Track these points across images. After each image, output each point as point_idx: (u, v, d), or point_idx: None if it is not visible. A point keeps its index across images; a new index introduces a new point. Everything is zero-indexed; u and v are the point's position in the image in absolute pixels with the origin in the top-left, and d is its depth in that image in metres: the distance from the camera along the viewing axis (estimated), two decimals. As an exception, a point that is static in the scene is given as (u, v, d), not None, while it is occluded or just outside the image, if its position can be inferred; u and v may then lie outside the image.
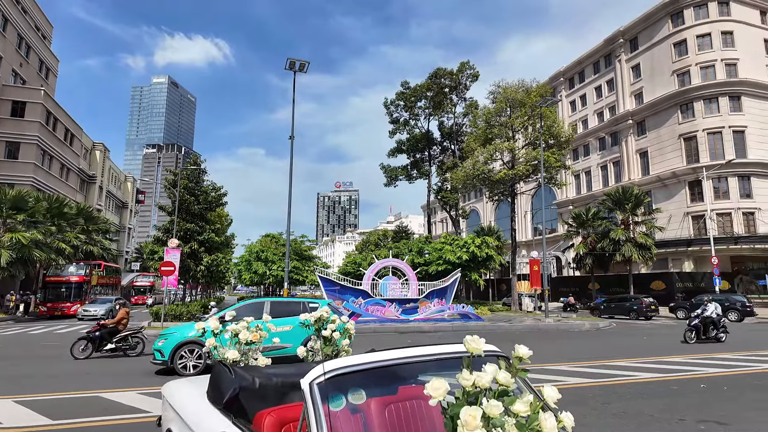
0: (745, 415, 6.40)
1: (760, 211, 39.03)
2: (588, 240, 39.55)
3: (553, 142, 34.98)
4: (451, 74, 41.56)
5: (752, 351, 13.59)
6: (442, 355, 2.40)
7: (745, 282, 39.03)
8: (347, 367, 2.09)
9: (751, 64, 42.22)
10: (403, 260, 29.29)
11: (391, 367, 2.22)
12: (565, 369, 10.39)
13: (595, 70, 54.90)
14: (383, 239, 62.35)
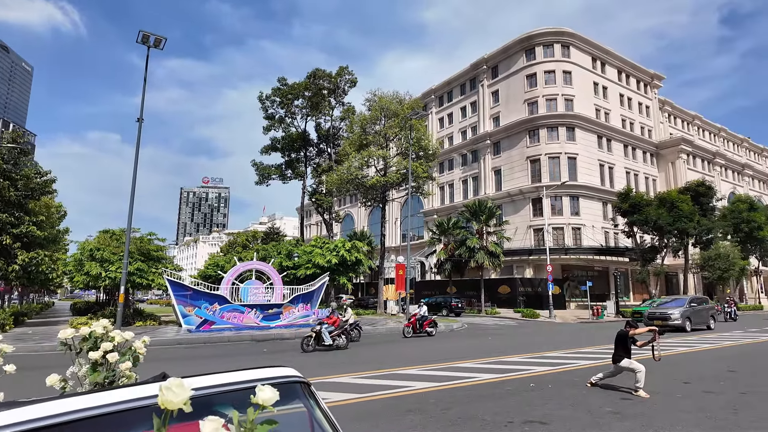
0: (561, 413, 6.95)
1: (584, 227, 46.04)
2: (448, 247, 42.43)
3: (422, 154, 36.75)
4: (329, 77, 41.27)
5: (575, 349, 15.50)
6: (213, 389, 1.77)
7: (572, 287, 45.54)
8: None
9: (583, 101, 49.86)
10: (269, 263, 27.89)
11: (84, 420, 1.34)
12: (414, 373, 10.50)
13: (461, 91, 59.64)
14: (252, 241, 59.23)
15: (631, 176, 52.90)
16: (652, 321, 21.12)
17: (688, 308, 22.59)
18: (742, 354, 14.39)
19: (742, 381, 9.68)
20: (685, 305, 22.72)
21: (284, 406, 2.65)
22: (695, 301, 23.98)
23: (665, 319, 21.32)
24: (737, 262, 42.86)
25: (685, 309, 22.35)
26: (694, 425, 6.34)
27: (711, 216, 42.51)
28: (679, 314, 21.55)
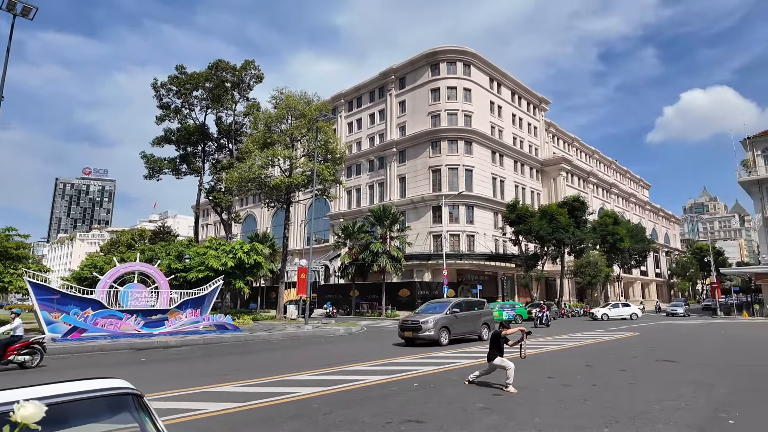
0: (438, 411, 7.31)
1: (478, 235, 49.29)
2: (353, 251, 42.74)
3: (329, 157, 36.59)
4: (234, 70, 39.43)
5: (461, 349, 16.43)
6: None
7: (465, 290, 48.38)
8: None
9: (481, 118, 53.54)
10: (156, 265, 25.69)
11: None
12: (302, 378, 10.34)
13: (371, 98, 60.70)
14: (139, 240, 54.20)
15: (519, 189, 57.90)
16: (403, 331, 17.46)
17: (448, 316, 17.72)
18: (601, 350, 16.38)
19: (595, 374, 11.00)
20: (445, 312, 17.76)
21: (110, 419, 2.42)
22: (461, 306, 18.72)
23: (416, 329, 16.98)
24: (603, 269, 48.98)
25: (443, 317, 17.47)
26: (550, 415, 7.05)
27: (583, 228, 48.11)
28: (432, 324, 16.85)
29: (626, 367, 11.99)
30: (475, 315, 19.05)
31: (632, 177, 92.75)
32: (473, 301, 20.60)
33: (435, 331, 16.83)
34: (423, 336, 16.81)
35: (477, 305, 19.90)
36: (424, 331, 16.82)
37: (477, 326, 18.85)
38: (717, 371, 11.41)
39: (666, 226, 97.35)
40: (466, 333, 18.43)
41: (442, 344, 16.90)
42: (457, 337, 18.02)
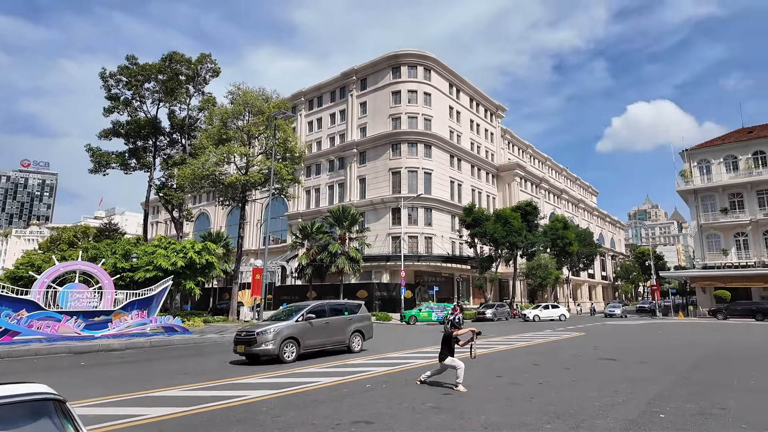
0: (389, 412, 7.34)
1: (435, 237, 50.02)
2: (310, 251, 42.29)
3: (288, 155, 36.05)
4: (189, 62, 38.10)
5: (416, 349, 16.60)
6: None
7: (422, 291, 48.96)
8: None
9: (440, 122, 54.40)
10: (100, 264, 24.36)
11: None
12: (252, 382, 10.11)
13: (332, 98, 60.34)
14: (82, 237, 51.21)
15: (475, 193, 59.29)
16: (236, 345, 13.36)
17: (299, 324, 13.78)
18: (549, 349, 17.01)
19: (541, 373, 11.41)
20: (295, 319, 13.86)
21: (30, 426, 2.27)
22: (322, 312, 14.82)
23: (250, 342, 12.96)
24: (553, 271, 50.90)
25: (289, 326, 13.52)
26: (497, 413, 7.24)
27: (535, 232, 49.84)
28: (272, 334, 12.96)
29: (571, 366, 12.52)
30: (342, 322, 15.30)
31: (582, 184, 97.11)
32: (342, 304, 16.58)
33: (276, 345, 12.90)
34: (258, 351, 12.84)
35: (348, 309, 16.09)
36: (260, 345, 12.78)
37: (344, 335, 15.24)
38: (653, 368, 12.12)
39: (612, 231, 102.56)
40: (327, 344, 14.68)
41: (286, 361, 12.96)
42: (314, 350, 14.25)
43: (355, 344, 15.56)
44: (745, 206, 44.59)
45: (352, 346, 15.42)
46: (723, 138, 49.78)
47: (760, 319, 36.63)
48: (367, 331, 16.18)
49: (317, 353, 14.54)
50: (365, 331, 16.10)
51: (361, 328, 15.97)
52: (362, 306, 16.98)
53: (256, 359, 13.29)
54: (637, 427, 6.51)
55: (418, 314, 33.45)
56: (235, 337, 13.70)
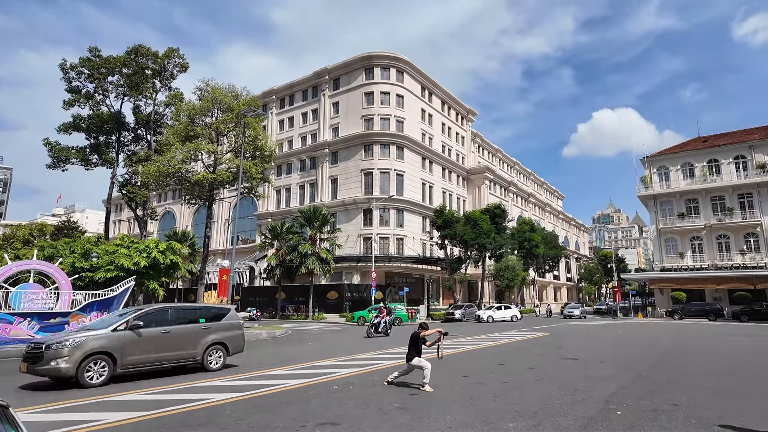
0: (355, 413, 7.34)
1: (407, 238, 50.30)
2: (280, 252, 41.77)
3: (258, 154, 35.50)
4: (155, 56, 36.98)
5: (385, 350, 16.63)
6: None
7: (393, 292, 49.13)
8: None
9: (413, 124, 54.78)
10: (56, 263, 23.32)
11: None
12: (217, 384, 9.90)
13: (304, 97, 59.86)
14: (39, 235, 48.86)
15: (446, 196, 59.99)
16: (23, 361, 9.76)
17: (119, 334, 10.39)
18: (514, 349, 17.37)
19: (506, 372, 11.64)
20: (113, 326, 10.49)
21: None
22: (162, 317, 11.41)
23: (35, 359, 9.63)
24: (520, 273, 52.02)
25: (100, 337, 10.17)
26: (461, 412, 7.34)
27: (503, 234, 50.84)
28: (69, 348, 9.65)
29: (534, 365, 12.83)
30: (192, 332, 11.69)
31: (548, 188, 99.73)
32: (196, 308, 12.84)
33: (72, 363, 9.51)
34: (43, 371, 9.50)
35: (206, 315, 12.38)
36: (48, 362, 9.41)
37: (195, 349, 11.61)
38: (612, 367, 12.56)
39: (576, 234, 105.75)
40: (166, 360, 11.16)
41: (91, 384, 9.65)
42: (143, 369, 10.75)
43: (214, 360, 11.93)
44: (700, 212, 46.82)
45: (207, 362, 11.78)
46: (681, 146, 52.17)
47: (712, 319, 38.53)
48: (233, 344, 12.56)
49: (154, 372, 11.09)
50: (230, 343, 12.46)
51: (224, 339, 12.32)
52: (231, 312, 13.34)
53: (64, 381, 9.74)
54: (595, 424, 6.73)
55: (367, 315, 33.28)
56: (25, 350, 10.11)
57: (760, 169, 44.57)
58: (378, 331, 23.09)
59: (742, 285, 42.07)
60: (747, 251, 43.97)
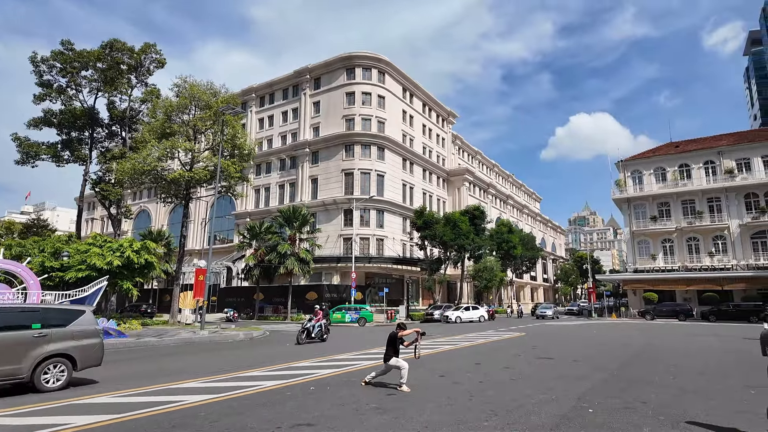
0: (331, 413, 7.30)
1: (387, 239, 50.37)
2: (258, 252, 41.30)
3: (237, 152, 35.06)
4: (131, 51, 36.14)
5: (362, 350, 16.60)
6: None
7: (372, 293, 49.11)
8: None
9: (394, 125, 54.90)
10: (24, 263, 22.56)
11: None
12: (192, 386, 9.72)
13: (284, 96, 59.37)
14: (6, 234, 47.15)
15: (426, 197, 60.31)
16: None
17: None
18: (491, 349, 17.57)
19: (482, 372, 11.76)
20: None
21: None
22: None
23: None
24: (498, 273, 52.63)
25: None
26: (437, 412, 7.39)
27: (482, 235, 51.38)
28: None
29: (510, 365, 13.00)
30: (16, 342, 9.00)
31: (526, 190, 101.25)
32: (23, 309, 10.24)
33: None
34: None
35: (44, 318, 9.59)
36: None
37: (18, 363, 8.88)
38: (585, 367, 12.83)
39: (553, 236, 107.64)
40: None
41: None
42: None
43: (51, 378, 9.27)
44: (671, 215, 48.27)
45: (39, 381, 9.08)
46: (653, 151, 53.67)
47: (682, 319, 39.73)
48: (83, 355, 9.77)
49: None
50: (79, 354, 9.69)
51: (69, 350, 9.57)
52: (85, 315, 10.28)
53: None
54: (567, 422, 6.86)
55: (332, 315, 33.13)
56: None
57: (728, 174, 46.21)
58: (311, 337, 19.82)
59: (711, 286, 43.51)
60: (715, 253, 45.52)
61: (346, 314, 33.49)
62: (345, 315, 33.49)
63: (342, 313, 33.72)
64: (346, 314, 33.49)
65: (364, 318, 33.06)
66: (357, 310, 33.82)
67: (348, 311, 33.80)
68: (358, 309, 34.04)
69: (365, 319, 32.97)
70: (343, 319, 33.26)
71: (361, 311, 33.69)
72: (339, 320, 33.21)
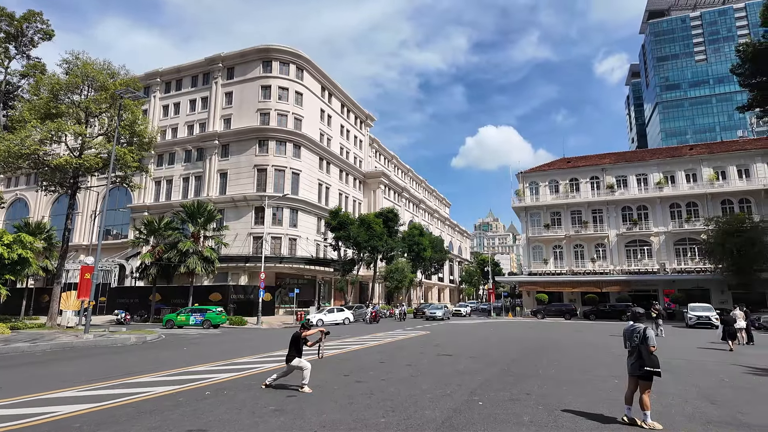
0: (226, 418, 7.01)
1: (300, 238, 49.50)
2: (156, 249, 38.29)
3: (136, 140, 32.25)
4: (10, 18, 31.65)
5: (267, 353, 16.13)
6: None
7: (283, 294, 47.94)
8: None
9: (311, 123, 54.16)
10: None
11: None
12: (69, 395, 8.74)
13: (193, 83, 55.83)
14: None
15: (342, 197, 60.35)
16: None
17: None
18: (397, 347, 18.04)
19: (385, 370, 12.06)
20: None
21: None
22: None
23: None
24: (408, 275, 54.23)
25: None
26: (337, 411, 7.43)
27: (395, 237, 52.63)
28: None
29: (412, 362, 13.48)
30: None
31: (437, 195, 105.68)
32: None
33: None
34: None
35: None
36: None
37: None
38: (480, 362, 13.71)
39: (460, 240, 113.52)
40: None
41: None
42: None
43: None
44: (562, 223, 53.39)
45: None
46: (549, 165, 58.99)
47: (567, 318, 44.04)
48: None
49: None
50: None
51: None
52: None
53: None
54: (458, 415, 7.29)
55: (176, 318, 31.42)
56: None
57: (609, 189, 52.27)
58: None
59: (592, 288, 48.82)
60: (597, 259, 51.18)
61: (191, 316, 31.32)
62: (190, 317, 31.32)
63: (187, 315, 31.49)
64: (191, 316, 31.32)
65: (209, 320, 30.84)
66: (202, 312, 31.51)
67: (193, 313, 31.66)
68: (204, 311, 31.65)
69: (210, 322, 30.83)
70: (187, 321, 31.04)
71: (207, 314, 31.32)
72: (183, 323, 30.93)
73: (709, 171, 49.11)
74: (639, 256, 49.96)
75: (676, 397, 8.94)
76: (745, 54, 37.09)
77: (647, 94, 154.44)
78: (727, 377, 11.58)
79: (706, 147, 55.42)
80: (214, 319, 31.00)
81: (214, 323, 30.81)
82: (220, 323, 31.30)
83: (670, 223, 49.00)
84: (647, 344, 6.91)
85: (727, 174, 48.68)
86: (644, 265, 49.27)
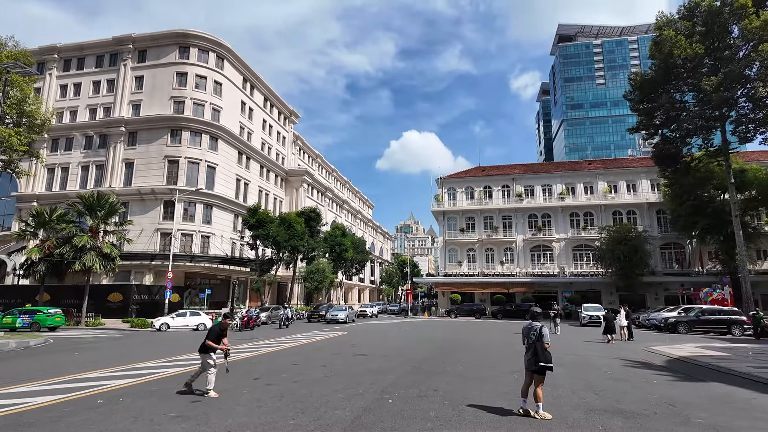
0: (119, 427, 6.48)
1: (214, 236, 47.10)
2: (46, 244, 34.33)
3: (25, 121, 28.71)
4: None
5: (172, 357, 15.14)
6: None
7: (193, 294, 45.28)
8: None
9: (230, 116, 51.81)
10: None
11: None
12: None
13: (98, 63, 50.94)
14: None
15: (263, 195, 58.45)
16: None
17: None
18: (313, 349, 17.86)
19: (298, 371, 11.89)
20: None
21: None
22: None
23: None
24: (329, 275, 53.89)
25: None
26: (244, 415, 7.20)
27: (317, 237, 52.05)
28: None
29: (327, 363, 13.44)
30: None
31: (361, 197, 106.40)
32: None
33: None
34: None
35: None
36: None
37: None
38: (393, 361, 14.03)
39: (381, 241, 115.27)
40: None
41: None
42: None
43: None
44: (476, 228, 56.38)
45: None
46: (466, 172, 62.04)
47: (478, 317, 46.54)
48: None
49: None
50: None
51: None
52: None
53: None
54: (367, 413, 7.41)
55: (1, 320, 29.01)
56: None
57: (518, 197, 56.16)
58: None
59: (501, 289, 52.11)
60: (505, 262, 54.69)
61: (18, 318, 28.84)
62: (17, 319, 28.82)
63: (14, 318, 28.94)
64: (18, 318, 28.84)
65: (38, 322, 28.29)
66: (31, 314, 29.04)
67: (21, 315, 29.18)
68: (33, 312, 29.20)
69: (39, 323, 28.28)
70: (14, 324, 28.51)
71: (36, 315, 28.87)
72: (9, 325, 28.31)
73: (603, 184, 54.68)
74: (542, 260, 54.19)
75: (566, 389, 9.85)
76: (634, 82, 41.79)
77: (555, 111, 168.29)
78: (609, 370, 12.99)
79: (602, 163, 61.77)
80: (44, 321, 28.22)
81: (45, 325, 28.11)
82: (55, 326, 28.69)
83: (569, 230, 53.77)
84: (542, 341, 7.54)
85: (619, 188, 54.57)
86: (546, 268, 53.54)
